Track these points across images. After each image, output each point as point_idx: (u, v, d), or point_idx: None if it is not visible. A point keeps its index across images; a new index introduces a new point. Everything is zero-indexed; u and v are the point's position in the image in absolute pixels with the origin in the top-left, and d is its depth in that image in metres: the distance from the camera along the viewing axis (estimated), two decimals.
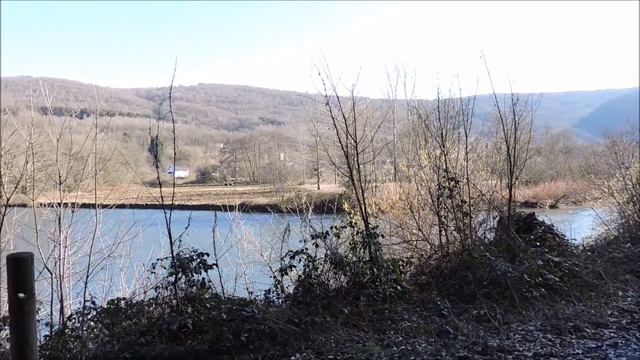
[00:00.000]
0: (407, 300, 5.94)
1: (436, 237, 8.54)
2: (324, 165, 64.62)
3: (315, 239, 6.28)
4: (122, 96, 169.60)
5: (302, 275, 5.94)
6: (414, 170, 11.66)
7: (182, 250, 5.34)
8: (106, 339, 4.76)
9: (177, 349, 4.22)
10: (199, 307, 4.88)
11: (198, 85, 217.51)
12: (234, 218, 10.50)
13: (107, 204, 8.31)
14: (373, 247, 6.20)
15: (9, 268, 2.57)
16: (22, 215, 7.89)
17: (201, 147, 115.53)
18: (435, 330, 4.84)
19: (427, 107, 12.59)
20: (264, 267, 9.32)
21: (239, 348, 4.36)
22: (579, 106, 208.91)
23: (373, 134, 8.06)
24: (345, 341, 4.66)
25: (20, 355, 2.62)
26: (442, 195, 7.75)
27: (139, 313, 5.04)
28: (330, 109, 6.63)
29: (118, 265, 8.31)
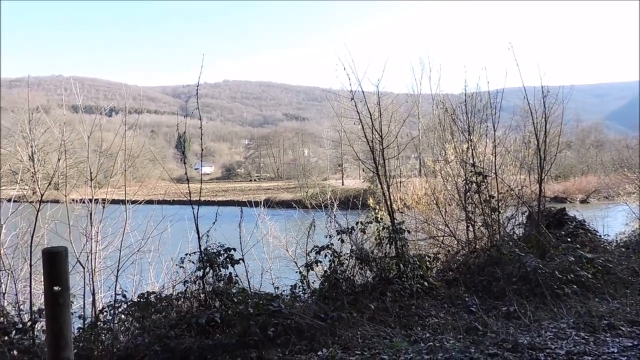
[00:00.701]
0: (434, 296, 5.88)
1: (463, 233, 8.42)
2: (348, 161, 64.39)
3: (340, 234, 6.27)
4: (149, 94, 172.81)
5: (328, 271, 5.95)
6: (440, 165, 11.51)
7: (210, 245, 5.40)
8: (137, 332, 4.86)
9: (205, 343, 4.28)
10: (227, 302, 4.93)
11: (223, 82, 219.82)
12: (259, 213, 10.58)
13: (136, 200, 8.48)
14: (399, 243, 6.15)
15: (44, 262, 2.64)
16: (55, 211, 8.14)
17: (226, 143, 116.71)
18: (463, 327, 4.77)
19: (452, 101, 12.36)
20: (289, 262, 9.38)
21: (266, 342, 4.39)
22: (610, 98, 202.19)
23: (399, 129, 7.97)
24: (372, 337, 4.65)
25: (55, 346, 2.69)
26: (469, 190, 7.63)
27: (168, 307, 5.13)
28: (356, 104, 6.59)
29: (147, 259, 8.48)
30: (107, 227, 7.79)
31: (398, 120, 9.23)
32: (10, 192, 9.30)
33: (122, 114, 8.62)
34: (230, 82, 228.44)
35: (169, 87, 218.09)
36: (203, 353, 4.23)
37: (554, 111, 8.31)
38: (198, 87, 5.59)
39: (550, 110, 8.04)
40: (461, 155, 8.72)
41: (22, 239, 7.65)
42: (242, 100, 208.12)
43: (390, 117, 7.50)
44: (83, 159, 8.78)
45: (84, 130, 7.49)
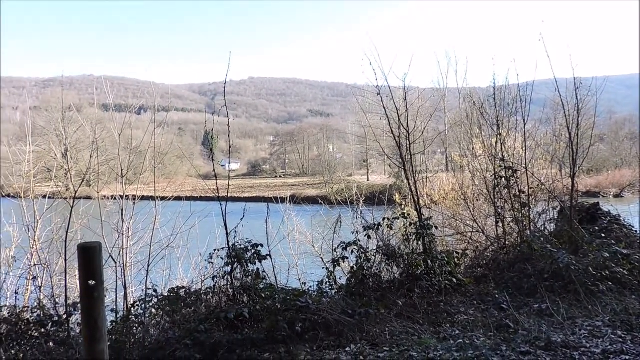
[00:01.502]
0: (463, 293, 5.80)
1: (492, 229, 8.28)
2: (373, 157, 64.06)
3: (367, 230, 6.25)
4: (176, 92, 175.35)
5: (355, 267, 5.93)
6: (467, 160, 11.31)
7: (238, 241, 5.45)
8: (167, 326, 4.95)
9: (235, 337, 4.33)
10: (255, 297, 4.97)
11: (248, 80, 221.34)
12: (285, 210, 10.63)
13: (165, 196, 8.65)
14: (427, 239, 6.08)
15: (79, 257, 2.70)
16: (88, 207, 8.37)
17: (252, 140, 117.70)
18: (494, 324, 4.69)
19: (480, 95, 12.14)
20: (315, 258, 9.41)
21: (294, 338, 4.41)
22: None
23: (425, 124, 7.87)
24: (400, 333, 4.61)
25: (91, 338, 2.76)
26: (498, 185, 7.49)
27: (197, 301, 5.20)
28: (382, 99, 6.53)
29: (176, 255, 8.64)
30: (137, 223, 7.96)
31: (424, 115, 9.12)
32: (45, 189, 9.62)
33: (151, 112, 8.80)
34: (256, 79, 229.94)
35: (195, 85, 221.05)
36: (232, 347, 4.28)
37: (587, 103, 8.07)
38: (225, 84, 5.63)
39: (583, 103, 7.80)
40: (490, 150, 8.55)
41: (57, 234, 7.90)
42: (267, 97, 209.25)
43: (417, 112, 7.42)
44: (114, 156, 8.99)
45: (115, 128, 7.66)
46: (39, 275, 6.43)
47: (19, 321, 4.75)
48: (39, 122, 45.81)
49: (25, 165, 9.14)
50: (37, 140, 13.62)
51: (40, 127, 45.04)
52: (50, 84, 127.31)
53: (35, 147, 10.80)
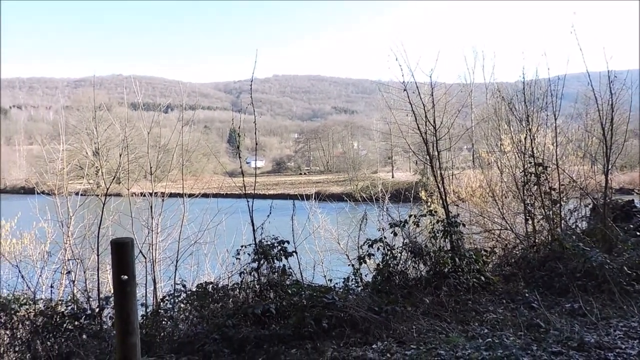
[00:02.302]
0: (492, 291, 5.70)
1: (521, 226, 8.12)
2: (398, 154, 63.56)
3: (393, 227, 6.20)
4: (202, 90, 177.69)
5: (381, 264, 5.91)
6: (495, 156, 11.12)
7: (264, 237, 5.49)
8: (196, 320, 5.03)
9: (262, 332, 4.37)
10: (281, 293, 5.00)
11: (272, 77, 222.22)
12: (310, 207, 10.67)
13: (192, 193, 8.79)
14: (455, 236, 6.00)
15: (112, 252, 2.77)
16: (119, 204, 8.57)
17: (276, 137, 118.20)
18: (524, 324, 4.60)
19: (508, 90, 11.90)
20: (340, 255, 9.41)
21: (321, 334, 4.42)
22: None
23: (453, 120, 7.76)
24: (427, 331, 4.57)
25: (123, 331, 2.83)
26: (528, 182, 7.32)
27: (225, 297, 5.27)
28: (408, 95, 6.47)
29: (203, 251, 8.77)
30: (166, 220, 8.13)
31: (451, 112, 8.99)
32: (77, 187, 9.91)
33: (178, 111, 8.96)
34: (280, 76, 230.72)
35: (221, 83, 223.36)
36: (259, 343, 4.32)
37: (621, 97, 7.83)
38: (252, 82, 5.67)
39: (617, 96, 7.56)
40: (519, 146, 8.38)
41: (89, 230, 8.13)
42: (292, 94, 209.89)
43: (444, 108, 7.32)
44: (142, 154, 9.19)
45: (144, 127, 7.81)
46: (73, 270, 6.62)
47: (54, 314, 4.91)
48: (71, 121, 47.14)
49: (58, 163, 9.44)
50: (69, 139, 14.03)
51: (72, 126, 46.34)
52: (82, 84, 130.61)
53: (68, 146, 11.11)
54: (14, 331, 4.80)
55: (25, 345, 4.76)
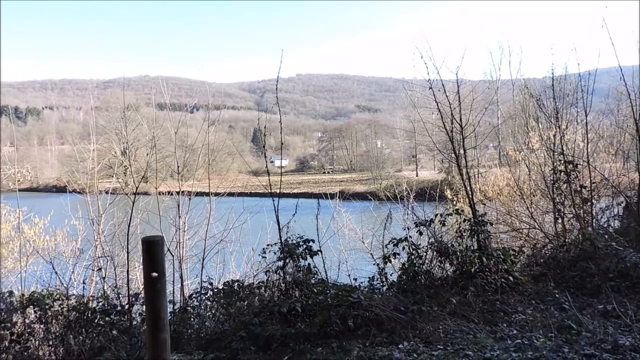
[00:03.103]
0: (520, 292, 5.59)
1: (550, 225, 7.94)
2: (422, 152, 62.98)
3: (418, 226, 6.14)
4: (226, 90, 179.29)
5: (406, 263, 5.86)
6: (523, 154, 10.88)
7: (289, 236, 5.52)
8: (222, 318, 5.10)
9: (288, 331, 4.39)
10: (307, 292, 5.02)
11: (296, 76, 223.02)
12: (334, 206, 10.65)
13: (218, 192, 8.88)
14: (482, 236, 5.91)
15: (143, 250, 2.82)
16: (147, 202, 8.74)
17: (299, 136, 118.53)
18: (554, 325, 4.49)
19: (536, 86, 11.64)
20: (363, 254, 9.37)
21: (347, 333, 4.42)
22: None
23: (480, 118, 7.64)
24: (454, 332, 4.52)
25: (154, 327, 2.88)
26: (557, 180, 7.15)
27: (250, 295, 5.31)
28: (434, 93, 6.39)
29: (228, 249, 8.86)
30: (192, 218, 8.24)
31: (477, 109, 8.85)
32: (105, 185, 10.15)
33: (203, 111, 9.07)
34: (303, 75, 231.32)
35: (245, 83, 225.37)
36: (285, 341, 4.34)
37: None
38: (277, 82, 5.70)
39: None
40: (548, 143, 8.19)
41: (119, 228, 8.32)
42: (315, 93, 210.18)
43: (470, 106, 7.20)
44: (169, 153, 9.35)
45: (172, 127, 7.94)
46: (103, 267, 6.78)
47: (86, 310, 5.04)
48: (100, 122, 48.29)
49: (89, 162, 9.69)
50: (98, 139, 14.38)
51: (101, 126, 47.47)
52: (110, 85, 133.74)
53: (97, 146, 11.39)
54: (48, 325, 4.95)
55: (59, 339, 4.90)
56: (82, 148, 11.28)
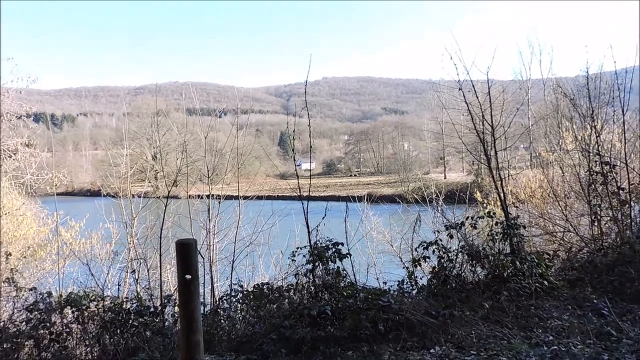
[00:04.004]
0: (556, 296, 5.43)
1: (586, 229, 7.69)
2: (450, 154, 62.13)
3: (449, 229, 6.05)
4: (253, 94, 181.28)
5: (437, 267, 5.78)
6: (556, 155, 10.60)
7: (318, 239, 5.52)
8: (253, 320, 5.13)
9: (318, 334, 4.39)
10: (336, 295, 5.00)
11: (322, 80, 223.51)
12: (362, 209, 10.61)
13: (247, 196, 8.98)
14: (515, 239, 5.78)
15: (177, 252, 2.86)
16: (178, 206, 8.91)
17: (326, 139, 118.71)
18: (593, 331, 4.34)
19: (568, 85, 11.34)
20: (391, 257, 9.30)
21: (377, 337, 4.39)
22: None
23: (512, 119, 7.48)
24: (487, 337, 4.42)
25: (187, 329, 2.92)
26: (594, 182, 6.93)
27: (280, 297, 5.34)
28: (464, 94, 6.29)
29: (257, 252, 8.94)
30: (222, 221, 8.36)
31: (508, 110, 8.67)
32: (137, 189, 10.40)
33: (231, 115, 9.19)
34: (329, 79, 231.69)
35: (271, 87, 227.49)
36: (315, 344, 4.34)
37: None
38: (306, 85, 5.74)
39: None
40: (583, 143, 7.95)
41: (151, 231, 8.50)
42: (341, 96, 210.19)
43: (502, 107, 7.07)
44: (198, 157, 9.51)
45: (201, 132, 8.08)
46: (137, 269, 6.94)
47: (121, 310, 5.15)
48: (132, 127, 49.51)
49: (122, 167, 9.94)
50: (130, 144, 14.74)
51: (132, 132, 48.66)
52: (141, 92, 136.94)
53: (130, 150, 11.67)
54: (85, 325, 5.08)
55: (95, 339, 5.03)
56: (116, 153, 11.60)
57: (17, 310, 5.04)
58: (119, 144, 18.68)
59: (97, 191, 11.25)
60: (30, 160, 11.21)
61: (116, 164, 11.15)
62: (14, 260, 7.68)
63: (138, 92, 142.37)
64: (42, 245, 12.37)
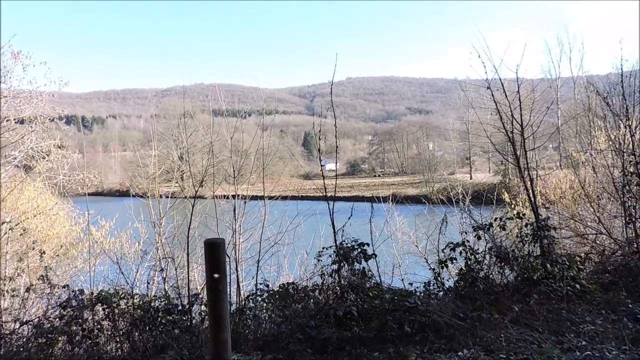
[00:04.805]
0: (588, 300, 5.28)
1: (620, 231, 7.46)
2: (476, 154, 61.24)
3: (477, 230, 5.95)
4: (278, 95, 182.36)
5: (464, 269, 5.70)
6: (588, 155, 10.31)
7: (344, 239, 5.51)
8: (279, 320, 5.15)
9: (344, 334, 4.38)
10: (362, 296, 4.98)
11: (346, 80, 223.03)
12: (387, 209, 10.55)
13: (272, 196, 9.03)
14: (546, 241, 5.64)
15: (206, 251, 2.90)
16: (204, 206, 9.02)
17: (350, 140, 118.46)
18: (628, 337, 4.20)
19: (600, 83, 11.01)
20: (416, 258, 9.21)
21: (404, 338, 4.34)
22: None
23: (542, 118, 7.31)
24: (517, 340, 4.32)
25: (216, 327, 2.95)
26: (628, 183, 6.72)
27: (305, 297, 5.34)
28: (492, 93, 6.18)
29: (282, 252, 8.98)
30: (247, 221, 8.42)
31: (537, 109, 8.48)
32: (163, 189, 10.60)
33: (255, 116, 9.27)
34: (353, 79, 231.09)
35: (295, 88, 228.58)
36: (341, 344, 4.33)
37: None
38: (332, 85, 5.74)
39: None
40: (616, 143, 7.71)
41: (178, 230, 8.63)
42: (365, 96, 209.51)
43: (531, 105, 6.91)
44: (224, 157, 9.61)
45: (227, 133, 8.16)
46: (164, 268, 7.05)
47: (149, 308, 5.25)
48: (159, 129, 50.45)
49: (151, 167, 10.13)
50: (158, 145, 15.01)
51: (159, 133, 49.60)
52: (168, 93, 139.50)
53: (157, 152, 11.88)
54: (115, 323, 5.19)
55: (125, 336, 5.13)
56: (144, 154, 11.82)
57: (52, 306, 5.18)
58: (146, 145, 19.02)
59: (125, 191, 11.54)
60: (63, 162, 11.53)
61: (144, 165, 11.38)
62: (47, 258, 7.90)
63: (165, 94, 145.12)
64: (73, 244, 12.73)
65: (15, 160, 10.37)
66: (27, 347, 4.76)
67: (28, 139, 10.50)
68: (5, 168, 10.10)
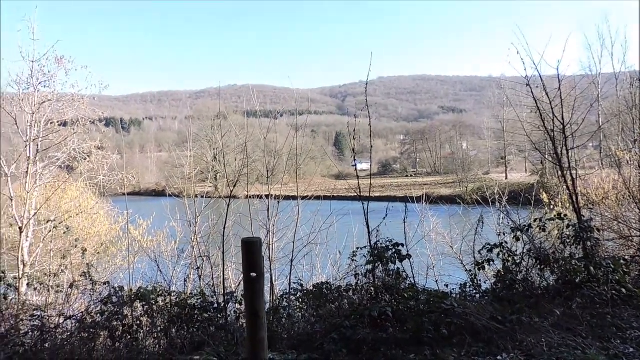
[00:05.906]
0: (635, 306, 5.05)
1: None
2: (511, 153, 59.74)
3: (515, 231, 5.79)
4: (309, 96, 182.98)
5: (502, 271, 5.55)
6: (633, 154, 9.88)
7: (378, 239, 5.46)
8: (313, 319, 5.16)
9: (379, 335, 4.34)
10: (397, 297, 4.93)
11: (377, 80, 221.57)
12: (421, 209, 10.40)
13: (306, 196, 9.06)
14: (589, 243, 5.43)
15: (243, 250, 2.93)
16: (238, 206, 9.13)
17: (381, 139, 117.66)
18: None
19: None
20: (450, 259, 9.03)
21: (440, 341, 4.27)
22: None
23: (585, 115, 7.05)
24: (559, 345, 4.18)
25: (253, 326, 2.98)
26: None
27: (339, 297, 5.33)
28: (532, 90, 6.00)
29: (314, 252, 8.99)
30: (280, 221, 8.47)
31: (578, 106, 8.19)
32: (198, 189, 10.78)
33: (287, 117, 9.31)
34: (385, 78, 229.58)
35: (326, 88, 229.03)
36: (376, 345, 4.29)
37: None
38: (367, 84, 5.71)
39: None
40: None
41: (213, 229, 8.77)
42: (397, 95, 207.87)
43: (573, 103, 6.68)
44: (257, 157, 9.69)
45: (261, 133, 8.24)
46: (200, 266, 7.17)
47: (186, 306, 5.35)
48: (193, 130, 51.47)
49: (186, 167, 10.34)
50: (193, 146, 15.32)
51: (194, 134, 50.57)
52: (202, 95, 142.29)
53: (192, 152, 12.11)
54: (154, 319, 5.31)
55: (162, 332, 5.24)
56: (179, 154, 12.07)
57: (93, 302, 5.34)
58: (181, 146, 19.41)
59: (161, 191, 11.83)
60: (103, 162, 11.89)
61: (180, 165, 11.62)
62: (89, 256, 8.17)
63: (199, 96, 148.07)
64: (113, 242, 13.14)
65: (59, 161, 10.76)
66: (70, 341, 4.92)
67: (70, 141, 10.88)
68: (50, 169, 10.49)
